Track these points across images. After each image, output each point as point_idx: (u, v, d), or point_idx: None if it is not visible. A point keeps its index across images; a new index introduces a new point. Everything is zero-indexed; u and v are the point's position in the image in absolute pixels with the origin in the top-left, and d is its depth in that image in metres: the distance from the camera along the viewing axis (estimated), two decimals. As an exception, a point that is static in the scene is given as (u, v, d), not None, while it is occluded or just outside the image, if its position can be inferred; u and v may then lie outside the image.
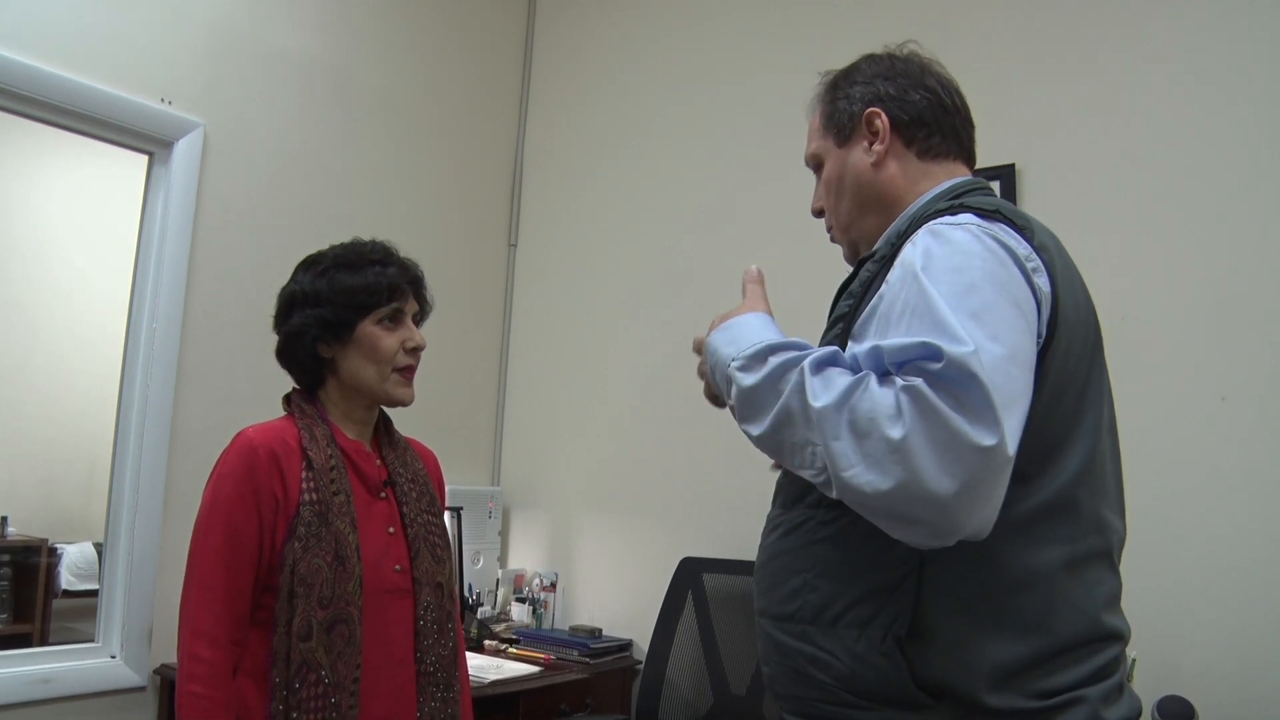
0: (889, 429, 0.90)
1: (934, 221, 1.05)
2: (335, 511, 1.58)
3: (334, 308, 1.67)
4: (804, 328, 1.10)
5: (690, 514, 3.03)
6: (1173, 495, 2.17)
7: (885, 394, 0.92)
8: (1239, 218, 2.21)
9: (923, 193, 1.22)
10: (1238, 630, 2.08)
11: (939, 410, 0.88)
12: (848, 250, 1.32)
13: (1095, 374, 1.12)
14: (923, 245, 1.02)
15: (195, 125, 2.68)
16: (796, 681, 1.11)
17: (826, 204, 1.31)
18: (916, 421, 0.89)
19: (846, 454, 0.93)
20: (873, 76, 1.27)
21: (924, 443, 0.88)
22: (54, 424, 4.05)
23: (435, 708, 1.65)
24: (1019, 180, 2.47)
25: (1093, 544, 1.07)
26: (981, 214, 1.06)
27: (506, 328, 3.66)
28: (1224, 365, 2.18)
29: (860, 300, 1.11)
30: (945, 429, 0.88)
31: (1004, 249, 1.01)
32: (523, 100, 3.77)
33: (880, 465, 0.90)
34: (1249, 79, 2.23)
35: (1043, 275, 1.03)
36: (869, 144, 1.25)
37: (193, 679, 1.49)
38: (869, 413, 0.92)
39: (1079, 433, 1.07)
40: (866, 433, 0.92)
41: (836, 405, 0.95)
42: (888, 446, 0.90)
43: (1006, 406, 0.89)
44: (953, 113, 1.27)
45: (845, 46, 1.43)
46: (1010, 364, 0.92)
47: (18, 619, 3.71)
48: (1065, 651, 1.02)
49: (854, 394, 0.94)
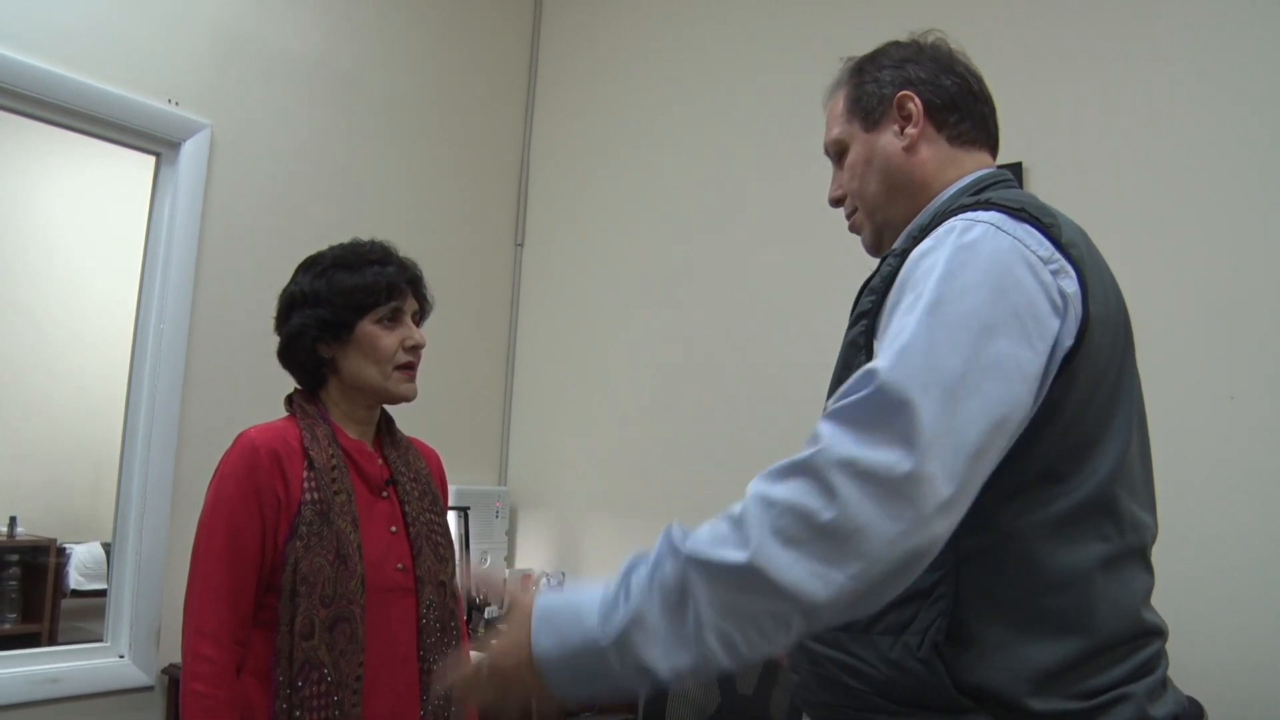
0: (818, 515, 0.84)
1: (956, 217, 1.03)
2: (337, 511, 1.58)
3: (333, 308, 1.67)
4: (810, 324, 1.10)
5: (697, 513, 3.00)
6: (1180, 494, 2.15)
7: (792, 485, 0.87)
8: (1247, 215, 2.20)
9: (951, 181, 1.20)
10: (1246, 628, 2.07)
11: (849, 461, 0.85)
12: (870, 237, 1.28)
13: (1127, 370, 1.10)
14: (934, 241, 1.01)
15: (202, 126, 2.68)
16: (828, 689, 1.09)
17: (851, 189, 1.27)
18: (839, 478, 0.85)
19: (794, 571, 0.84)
20: (902, 60, 1.25)
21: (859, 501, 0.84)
22: (62, 425, 4.07)
23: (438, 706, 1.65)
24: (1026, 179, 2.46)
25: (1129, 541, 1.06)
26: (1008, 211, 1.03)
27: (513, 328, 3.66)
28: (1232, 364, 2.17)
29: (883, 296, 1.08)
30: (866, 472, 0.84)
31: (1020, 253, 0.98)
32: (529, 101, 3.77)
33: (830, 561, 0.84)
34: (1257, 77, 2.22)
35: (1068, 277, 1.00)
36: (900, 128, 1.22)
37: (197, 678, 1.49)
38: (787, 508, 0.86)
39: (1112, 430, 1.05)
40: (797, 536, 0.85)
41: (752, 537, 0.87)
42: (823, 533, 0.84)
43: (956, 423, 0.87)
44: (982, 100, 1.26)
45: (851, 45, 1.42)
46: (973, 374, 0.90)
47: (26, 618, 3.73)
48: (1107, 650, 1.01)
49: (760, 510, 0.87)
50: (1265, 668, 2.04)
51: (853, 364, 1.09)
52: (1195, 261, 2.25)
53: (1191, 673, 2.07)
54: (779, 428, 2.68)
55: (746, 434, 2.95)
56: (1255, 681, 2.04)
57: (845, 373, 1.10)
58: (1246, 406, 2.14)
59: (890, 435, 0.86)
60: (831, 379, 1.16)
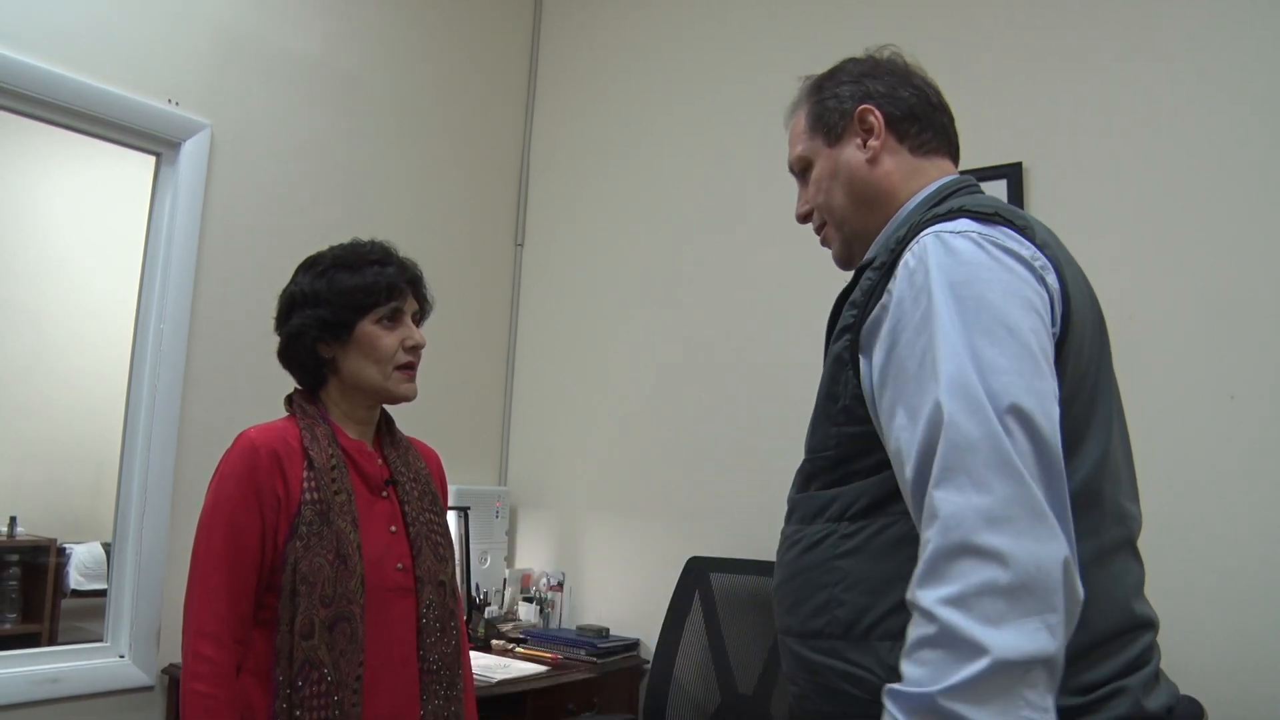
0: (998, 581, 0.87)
1: (933, 228, 1.05)
2: (337, 510, 1.58)
3: (333, 308, 1.67)
4: (809, 328, 1.11)
5: (698, 513, 3.03)
6: (1180, 494, 2.16)
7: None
8: (1247, 215, 2.20)
9: (916, 190, 1.23)
10: (1246, 629, 2.07)
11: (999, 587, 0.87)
12: (840, 249, 1.32)
13: (1104, 365, 1.13)
14: (924, 255, 1.02)
15: (202, 126, 2.68)
16: (828, 698, 1.09)
17: (818, 203, 1.31)
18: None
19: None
20: (859, 75, 1.29)
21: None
22: (62, 425, 4.06)
23: (438, 706, 1.65)
24: (1026, 179, 2.46)
25: (1116, 534, 1.07)
26: (979, 218, 1.05)
27: (513, 328, 3.67)
28: (1232, 363, 2.17)
29: (864, 309, 1.10)
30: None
31: (1009, 255, 1.01)
32: (529, 101, 3.78)
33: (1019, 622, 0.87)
34: (1257, 77, 2.22)
35: (1051, 273, 1.04)
36: (863, 141, 1.25)
37: (197, 678, 1.49)
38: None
39: (1095, 424, 1.07)
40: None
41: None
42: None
43: (1049, 473, 0.93)
44: (940, 110, 1.29)
45: (851, 46, 1.43)
46: (1046, 400, 0.95)
47: (26, 618, 3.72)
48: (1102, 644, 1.02)
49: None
50: (1266, 667, 2.04)
51: (839, 378, 1.12)
52: (1195, 261, 2.25)
53: (1192, 672, 2.07)
54: (778, 428, 2.68)
55: (746, 434, 2.95)
56: (1256, 681, 2.04)
57: (833, 387, 1.13)
58: (1247, 406, 2.14)
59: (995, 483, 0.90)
60: (819, 394, 1.17)
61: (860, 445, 1.09)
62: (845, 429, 1.10)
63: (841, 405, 1.11)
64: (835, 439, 1.12)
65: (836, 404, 1.12)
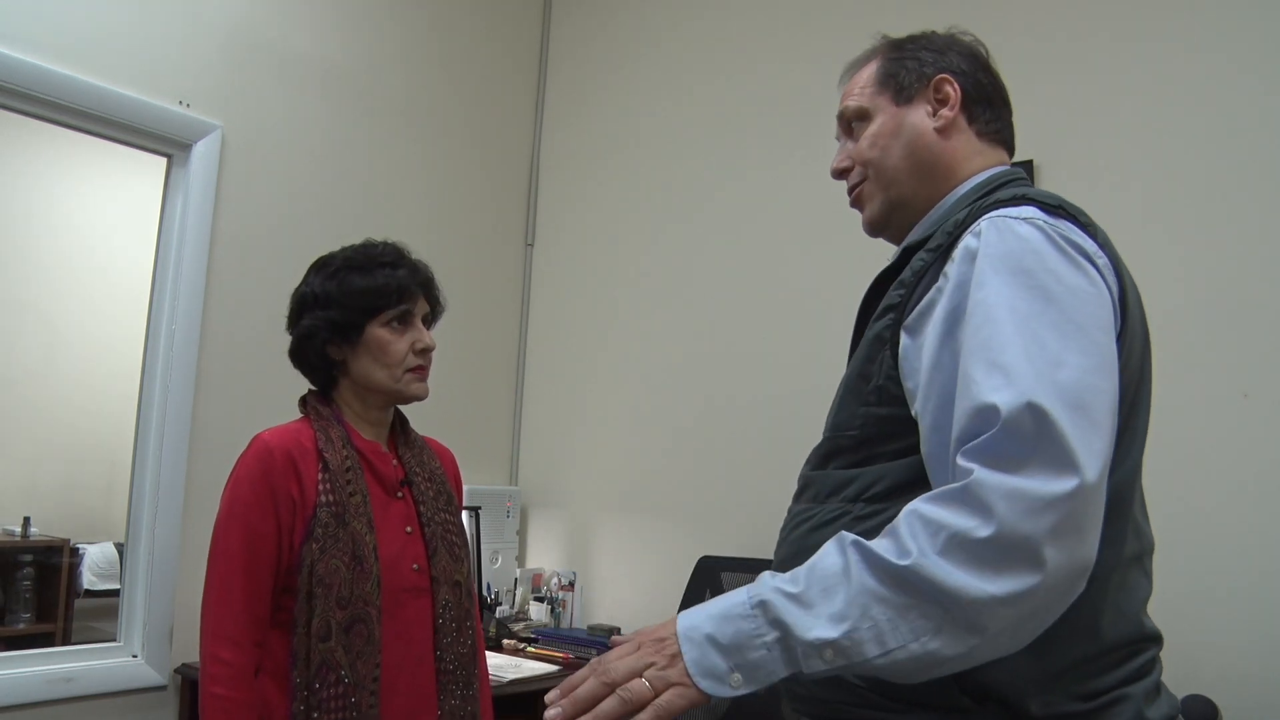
0: (976, 531, 0.85)
1: (996, 213, 1.02)
2: (352, 512, 1.59)
3: (343, 310, 1.68)
4: (824, 325, 1.10)
5: (708, 513, 3.02)
6: (1194, 493, 2.15)
7: (949, 507, 0.88)
8: (1260, 213, 2.19)
9: (974, 172, 1.20)
10: (1259, 629, 2.06)
11: (1003, 486, 0.85)
12: (878, 210, 1.24)
13: (1147, 375, 1.10)
14: (990, 241, 0.99)
15: (213, 127, 2.69)
16: (825, 686, 1.07)
17: (869, 157, 1.23)
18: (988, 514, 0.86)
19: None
20: (945, 48, 1.26)
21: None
22: (75, 425, 4.08)
23: (455, 705, 1.66)
24: (1037, 177, 2.46)
25: (1133, 548, 1.05)
26: (1045, 208, 1.02)
27: (524, 327, 3.67)
28: (1247, 361, 2.16)
29: (913, 290, 1.06)
30: (1020, 500, 0.85)
31: (1073, 246, 0.98)
32: (539, 100, 3.78)
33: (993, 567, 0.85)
34: (1271, 76, 2.21)
35: (1111, 274, 1.01)
36: (933, 109, 1.22)
37: (215, 680, 1.50)
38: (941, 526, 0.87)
39: (1131, 434, 1.04)
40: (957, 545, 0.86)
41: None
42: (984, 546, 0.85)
43: (1092, 426, 0.87)
44: (1007, 105, 1.28)
45: (864, 42, 1.42)
46: (1093, 374, 0.90)
47: (40, 618, 3.74)
48: (1109, 653, 1.01)
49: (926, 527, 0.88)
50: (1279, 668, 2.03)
51: (875, 358, 1.08)
52: (1209, 259, 2.24)
53: (1206, 673, 2.07)
54: (790, 427, 2.68)
55: (757, 433, 2.95)
56: (1270, 681, 2.03)
57: (866, 366, 1.09)
58: (1262, 404, 2.13)
59: (1041, 459, 0.86)
60: (848, 373, 1.14)
61: (887, 428, 1.06)
62: (875, 409, 1.07)
63: (874, 385, 1.07)
64: (862, 419, 1.08)
65: (869, 383, 1.08)
